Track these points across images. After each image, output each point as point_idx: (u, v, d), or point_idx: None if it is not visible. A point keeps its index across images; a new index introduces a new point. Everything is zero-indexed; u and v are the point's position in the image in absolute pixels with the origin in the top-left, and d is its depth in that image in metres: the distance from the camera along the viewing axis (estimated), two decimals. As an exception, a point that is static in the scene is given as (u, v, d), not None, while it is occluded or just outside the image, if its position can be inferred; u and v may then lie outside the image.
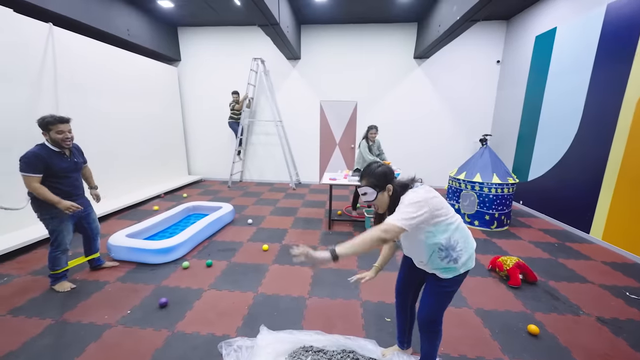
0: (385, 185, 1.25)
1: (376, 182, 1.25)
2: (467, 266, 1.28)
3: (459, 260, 1.24)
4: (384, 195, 1.26)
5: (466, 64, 5.72)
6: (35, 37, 3.34)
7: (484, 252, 3.09)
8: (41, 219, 2.18)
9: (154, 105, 5.41)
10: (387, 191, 1.25)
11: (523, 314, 2.10)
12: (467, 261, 1.27)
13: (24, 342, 1.76)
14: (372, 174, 1.26)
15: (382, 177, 1.25)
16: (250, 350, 1.68)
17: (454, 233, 1.23)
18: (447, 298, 1.34)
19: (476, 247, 1.35)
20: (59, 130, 2.08)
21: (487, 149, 4.02)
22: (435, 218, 1.19)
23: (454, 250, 1.23)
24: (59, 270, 2.29)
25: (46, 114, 2.10)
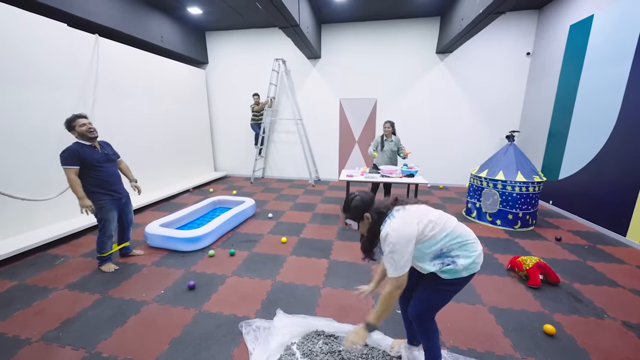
0: (363, 215, 1.32)
1: (353, 215, 1.34)
2: (469, 270, 1.27)
3: (457, 263, 1.25)
4: (364, 223, 1.34)
5: (493, 57, 5.49)
6: (84, 47, 3.75)
7: (504, 252, 3.01)
8: (95, 203, 2.46)
9: (183, 106, 5.80)
10: (366, 219, 1.33)
11: (540, 314, 2.06)
12: (470, 265, 1.26)
13: (79, 311, 2.06)
14: (349, 208, 1.35)
15: (357, 209, 1.33)
16: (267, 331, 1.83)
17: (446, 242, 1.25)
18: (442, 297, 1.34)
19: (495, 246, 1.37)
20: (80, 124, 2.34)
21: (512, 145, 3.87)
22: (420, 241, 1.25)
23: (448, 256, 1.26)
24: (105, 253, 2.61)
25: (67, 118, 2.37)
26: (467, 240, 1.28)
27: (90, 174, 2.40)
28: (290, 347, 1.72)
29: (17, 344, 1.75)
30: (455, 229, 1.28)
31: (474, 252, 1.27)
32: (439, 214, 1.32)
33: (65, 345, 1.74)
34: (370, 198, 1.35)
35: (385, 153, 4.14)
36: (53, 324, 1.93)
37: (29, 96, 3.13)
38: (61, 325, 1.91)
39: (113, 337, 1.81)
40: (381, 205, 1.33)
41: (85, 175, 2.38)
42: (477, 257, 1.28)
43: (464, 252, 1.26)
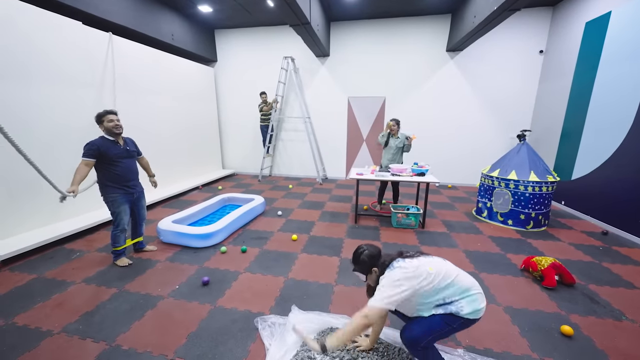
0: (371, 269, 1.40)
1: (362, 268, 1.42)
2: (474, 315, 1.28)
3: (460, 310, 1.28)
4: (371, 276, 1.42)
5: (505, 55, 5.41)
6: (99, 45, 3.80)
7: (517, 252, 2.98)
8: (105, 202, 2.54)
9: (193, 104, 5.84)
10: (374, 272, 1.40)
11: (557, 314, 2.04)
12: (472, 313, 1.28)
13: (97, 304, 2.10)
14: (358, 262, 1.43)
15: (364, 264, 1.41)
16: (282, 327, 1.85)
17: (448, 292, 1.29)
18: (441, 330, 1.31)
19: (507, 246, 1.37)
20: (109, 119, 2.43)
21: (525, 145, 3.82)
22: (421, 290, 1.28)
23: (451, 304, 1.29)
24: (119, 247, 2.66)
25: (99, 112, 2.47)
26: (470, 292, 1.30)
27: (108, 168, 2.46)
28: (306, 343, 1.73)
29: (39, 336, 1.80)
30: (456, 280, 1.31)
31: (477, 306, 1.29)
32: (438, 266, 1.34)
33: (85, 338, 1.78)
34: (378, 252, 1.43)
35: (391, 149, 4.15)
36: (73, 316, 1.97)
37: (50, 94, 3.20)
38: (81, 318, 1.96)
39: (132, 331, 1.85)
40: (387, 258, 1.39)
41: (103, 169, 2.45)
42: (481, 310, 1.30)
43: (467, 302, 1.28)
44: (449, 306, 1.29)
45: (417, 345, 1.34)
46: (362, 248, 1.44)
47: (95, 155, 2.37)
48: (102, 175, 2.47)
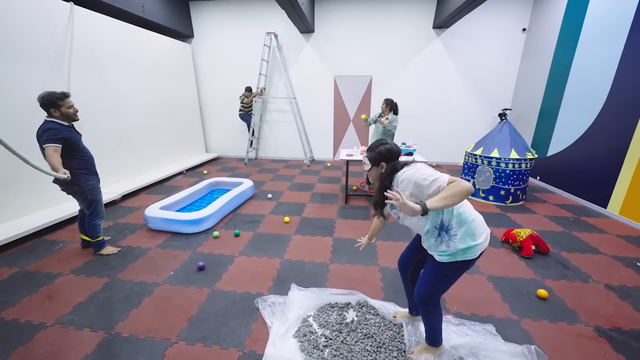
0: (380, 162, 1.37)
1: (374, 157, 1.37)
2: (464, 255, 1.25)
3: (450, 245, 1.25)
4: (377, 169, 1.39)
5: (489, 33, 5.43)
6: (58, 16, 3.41)
7: (498, 226, 3.18)
8: (80, 191, 2.33)
9: (170, 83, 5.49)
10: (381, 167, 1.37)
11: (533, 280, 2.23)
12: (466, 251, 1.24)
13: (90, 295, 2.06)
14: (375, 150, 1.37)
15: (379, 155, 1.36)
16: (283, 306, 1.91)
17: (452, 216, 1.24)
18: (443, 281, 1.35)
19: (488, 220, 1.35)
20: (69, 104, 2.19)
21: (507, 123, 3.96)
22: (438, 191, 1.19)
23: (447, 233, 1.25)
24: (100, 236, 2.55)
25: (44, 93, 2.12)
26: (472, 224, 1.24)
27: (78, 155, 2.28)
28: (307, 319, 1.81)
29: (32, 329, 1.75)
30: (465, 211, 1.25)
31: (473, 236, 1.23)
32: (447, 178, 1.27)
33: (83, 328, 1.76)
34: (397, 153, 1.37)
35: (379, 129, 4.17)
36: (65, 308, 1.92)
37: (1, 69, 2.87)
38: (74, 309, 1.91)
39: (130, 318, 1.84)
40: (401, 162, 1.34)
41: (72, 156, 2.25)
42: (476, 244, 1.24)
43: (463, 234, 1.23)
44: (445, 235, 1.26)
45: (428, 302, 1.39)
46: (386, 142, 1.39)
47: (62, 141, 2.13)
48: (73, 163, 2.24)
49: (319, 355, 1.55)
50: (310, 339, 1.65)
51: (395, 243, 2.81)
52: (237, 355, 1.57)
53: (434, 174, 1.18)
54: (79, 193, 2.34)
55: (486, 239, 1.28)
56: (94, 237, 2.53)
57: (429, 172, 1.20)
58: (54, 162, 2.08)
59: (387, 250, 2.69)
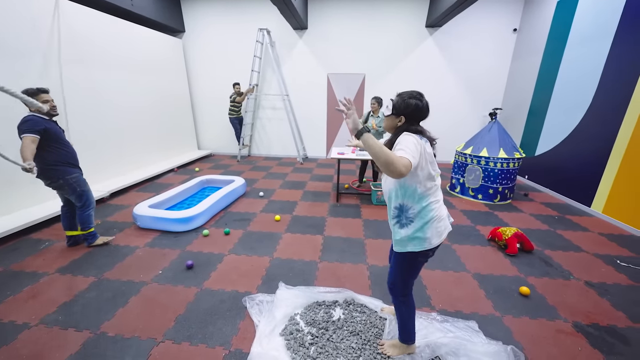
0: (400, 115, 1.28)
1: (399, 105, 1.27)
2: (415, 245, 1.27)
3: (403, 228, 1.28)
4: (394, 120, 1.30)
5: (481, 33, 5.48)
6: (43, 10, 3.32)
7: (485, 224, 3.24)
8: (66, 184, 2.33)
9: (160, 79, 5.41)
10: (399, 120, 1.29)
11: (517, 277, 2.29)
12: (417, 241, 1.26)
13: (75, 294, 2.04)
14: (403, 97, 1.27)
15: (405, 106, 1.26)
16: (270, 304, 1.92)
17: (415, 203, 1.25)
18: (404, 270, 1.37)
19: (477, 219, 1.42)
20: (44, 99, 2.15)
21: (496, 123, 4.02)
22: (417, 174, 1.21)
23: (405, 214, 1.27)
24: (92, 228, 2.57)
25: (25, 89, 2.10)
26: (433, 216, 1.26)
27: (60, 148, 2.28)
28: (294, 317, 1.83)
29: (15, 329, 1.73)
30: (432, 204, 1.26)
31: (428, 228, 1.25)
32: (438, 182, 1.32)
33: (67, 328, 1.74)
34: (421, 117, 1.30)
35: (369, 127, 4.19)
36: (50, 307, 1.90)
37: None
38: (59, 309, 1.89)
39: (116, 318, 1.83)
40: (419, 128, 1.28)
41: (54, 149, 2.25)
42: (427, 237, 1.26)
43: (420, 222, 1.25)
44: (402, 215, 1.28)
45: (396, 291, 1.43)
46: (420, 97, 1.28)
47: (41, 132, 2.11)
48: (54, 156, 2.25)
49: (304, 353, 1.57)
50: (296, 337, 1.67)
51: (385, 241, 2.84)
52: (223, 354, 1.58)
53: (408, 146, 1.13)
54: (66, 186, 2.36)
55: (436, 241, 1.28)
56: (87, 229, 2.55)
57: (409, 144, 1.14)
58: (26, 152, 2.03)
59: (376, 248, 2.72)
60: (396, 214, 1.32)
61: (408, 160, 1.07)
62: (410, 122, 1.28)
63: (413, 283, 1.44)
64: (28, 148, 2.05)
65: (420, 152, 1.16)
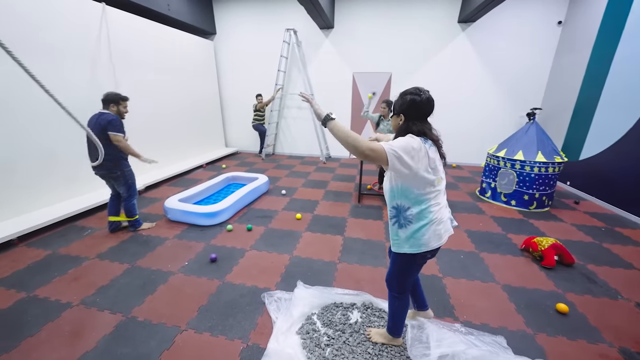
0: (399, 113, 1.27)
1: (396, 103, 1.29)
2: (411, 246, 1.27)
3: (401, 229, 1.27)
4: (395, 119, 1.32)
5: (520, 27, 5.09)
6: (92, 16, 3.63)
7: (518, 232, 3.02)
8: (121, 175, 2.69)
9: (193, 79, 5.68)
10: (400, 119, 1.29)
11: (553, 293, 2.10)
12: (413, 242, 1.26)
13: (111, 279, 2.21)
14: (401, 94, 1.27)
15: (402, 103, 1.25)
16: (288, 302, 1.94)
17: (413, 204, 1.24)
18: (400, 270, 1.39)
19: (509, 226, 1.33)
20: (125, 105, 2.69)
21: (534, 124, 3.72)
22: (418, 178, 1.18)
23: (402, 214, 1.27)
24: (137, 215, 2.92)
25: (109, 91, 2.61)
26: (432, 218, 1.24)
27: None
28: (311, 317, 1.83)
29: (59, 307, 1.91)
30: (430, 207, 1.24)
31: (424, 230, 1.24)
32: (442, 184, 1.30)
33: (103, 310, 1.89)
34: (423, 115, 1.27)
35: (382, 132, 4.06)
36: (89, 290, 2.08)
37: (42, 69, 3.10)
38: (97, 292, 2.06)
39: (145, 304, 1.95)
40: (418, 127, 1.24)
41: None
42: (425, 239, 1.25)
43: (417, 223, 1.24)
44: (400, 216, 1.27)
45: (391, 287, 1.47)
46: (420, 93, 1.24)
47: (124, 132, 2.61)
48: (118, 151, 2.61)
49: (320, 353, 1.57)
50: (312, 337, 1.67)
51: (407, 245, 2.75)
52: (241, 347, 1.63)
53: (396, 141, 1.16)
54: (121, 178, 2.71)
55: (435, 244, 1.28)
56: (133, 216, 2.89)
57: (398, 140, 1.17)
58: (132, 149, 2.64)
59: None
60: (394, 213, 1.31)
61: (381, 147, 1.10)
62: (410, 120, 1.26)
63: (411, 283, 1.46)
64: (129, 146, 2.61)
65: (413, 155, 1.14)
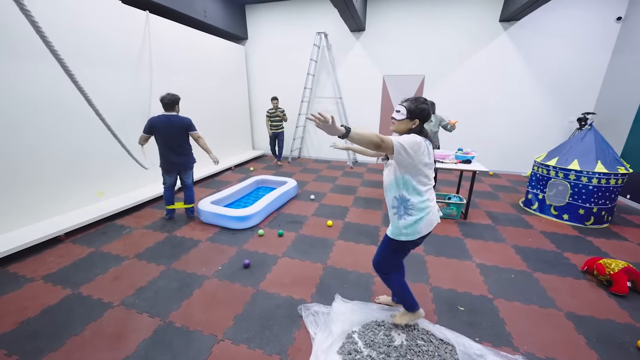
0: (415, 119, 1.40)
1: (414, 110, 1.38)
2: (407, 235, 1.46)
3: (401, 219, 1.46)
4: (408, 123, 1.41)
5: (572, 24, 4.68)
6: (136, 24, 3.79)
7: (576, 252, 2.70)
8: (192, 168, 3.23)
9: (224, 83, 5.81)
10: (413, 123, 1.41)
11: (630, 326, 1.82)
12: (410, 231, 1.45)
13: (149, 280, 2.23)
14: (416, 102, 1.39)
15: (419, 111, 1.39)
16: (326, 317, 1.83)
17: (414, 195, 1.43)
18: (391, 254, 1.58)
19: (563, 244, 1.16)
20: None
21: (592, 131, 3.36)
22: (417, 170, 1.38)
23: (404, 204, 1.44)
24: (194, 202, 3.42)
25: (171, 94, 2.99)
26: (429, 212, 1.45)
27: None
28: (352, 335, 1.71)
29: (101, 307, 1.94)
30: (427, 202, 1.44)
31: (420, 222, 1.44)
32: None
33: (142, 312, 1.89)
34: (429, 118, 1.45)
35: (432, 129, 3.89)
36: (129, 290, 2.10)
37: (92, 75, 3.27)
38: (136, 293, 2.08)
39: (182, 308, 1.93)
40: (425, 130, 1.44)
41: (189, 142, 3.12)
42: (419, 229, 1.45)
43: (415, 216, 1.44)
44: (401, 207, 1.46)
45: (380, 269, 1.67)
46: (428, 102, 1.44)
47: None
48: (191, 146, 3.13)
49: (365, 378, 1.44)
50: (355, 359, 1.55)
51: (449, 260, 2.55)
52: (280, 364, 1.54)
53: (403, 137, 1.33)
54: (190, 170, 3.21)
55: (426, 231, 1.47)
56: (193, 202, 3.34)
57: (406, 136, 1.35)
58: (207, 145, 3.13)
59: (438, 267, 2.45)
60: (395, 204, 1.48)
61: (390, 139, 1.27)
62: (422, 128, 1.43)
63: (398, 264, 1.66)
64: (206, 142, 3.11)
65: (415, 149, 1.32)
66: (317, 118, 1.21)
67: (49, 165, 2.93)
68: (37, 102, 2.78)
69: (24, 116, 2.70)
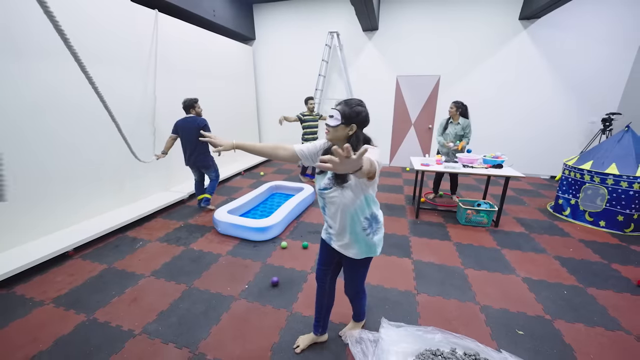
0: (351, 124, 1.20)
1: (349, 114, 1.18)
2: (379, 245, 1.39)
3: (374, 237, 1.34)
4: (344, 129, 1.21)
5: (596, 19, 4.52)
6: (145, 23, 3.59)
7: (624, 263, 2.53)
8: (212, 164, 3.41)
9: (232, 85, 5.61)
10: (350, 129, 1.21)
11: None
12: (378, 246, 1.38)
13: (170, 303, 2.02)
14: (350, 105, 1.20)
15: (355, 114, 1.19)
16: (374, 345, 1.64)
17: (376, 209, 1.35)
18: (364, 272, 1.52)
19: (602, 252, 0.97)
20: (199, 105, 3.29)
21: (630, 132, 3.20)
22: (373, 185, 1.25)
23: (376, 223, 1.35)
24: (213, 194, 3.62)
25: (187, 98, 3.20)
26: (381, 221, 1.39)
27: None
28: (408, 368, 1.52)
29: (122, 336, 1.74)
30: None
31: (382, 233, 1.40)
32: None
33: (167, 342, 1.69)
34: (368, 122, 1.25)
35: (448, 137, 3.72)
36: (150, 315, 1.90)
37: (102, 75, 3.07)
38: (158, 318, 1.88)
39: (212, 337, 1.73)
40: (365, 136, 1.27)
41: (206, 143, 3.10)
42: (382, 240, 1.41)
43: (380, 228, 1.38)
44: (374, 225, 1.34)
45: (360, 294, 1.61)
46: (363, 104, 1.24)
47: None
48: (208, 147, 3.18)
49: None
50: (419, 399, 1.36)
51: (491, 274, 2.37)
52: (334, 407, 1.35)
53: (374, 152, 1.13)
54: (211, 166, 3.42)
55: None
56: (212, 193, 3.58)
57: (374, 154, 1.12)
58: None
59: (482, 282, 2.27)
60: (366, 224, 1.32)
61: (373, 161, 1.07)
62: (361, 133, 1.25)
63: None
64: None
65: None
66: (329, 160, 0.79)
67: (53, 173, 2.72)
68: (42, 106, 2.57)
69: (28, 121, 2.49)
